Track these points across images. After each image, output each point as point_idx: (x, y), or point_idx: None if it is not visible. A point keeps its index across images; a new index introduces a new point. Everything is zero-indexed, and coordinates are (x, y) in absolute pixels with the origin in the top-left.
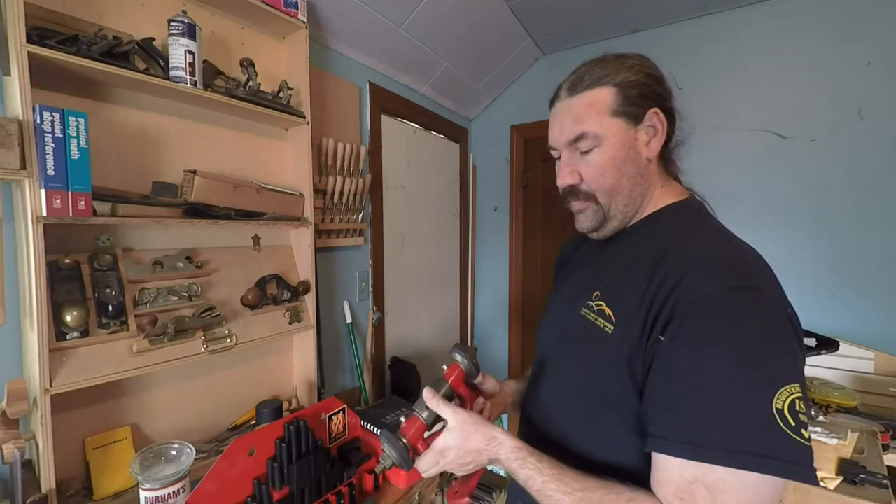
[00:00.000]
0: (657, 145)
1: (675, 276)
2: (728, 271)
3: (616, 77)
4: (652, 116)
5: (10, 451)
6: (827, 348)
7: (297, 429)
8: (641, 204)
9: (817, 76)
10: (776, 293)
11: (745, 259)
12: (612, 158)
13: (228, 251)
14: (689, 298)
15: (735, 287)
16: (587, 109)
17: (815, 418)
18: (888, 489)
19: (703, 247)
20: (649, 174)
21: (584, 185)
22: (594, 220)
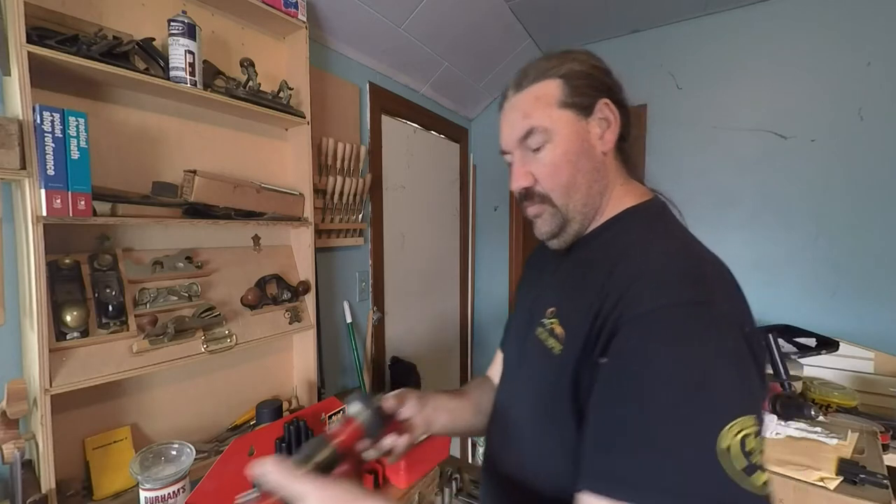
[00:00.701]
0: (611, 137)
1: (621, 289)
2: (678, 283)
3: (561, 68)
4: (602, 107)
5: (10, 451)
6: (827, 348)
7: (297, 429)
8: (600, 204)
9: (817, 76)
10: (735, 309)
11: (701, 269)
12: (564, 153)
13: (228, 251)
14: (630, 314)
15: (682, 302)
16: (534, 103)
17: (815, 418)
18: (888, 489)
19: (655, 255)
20: (606, 170)
21: (538, 186)
22: (552, 224)
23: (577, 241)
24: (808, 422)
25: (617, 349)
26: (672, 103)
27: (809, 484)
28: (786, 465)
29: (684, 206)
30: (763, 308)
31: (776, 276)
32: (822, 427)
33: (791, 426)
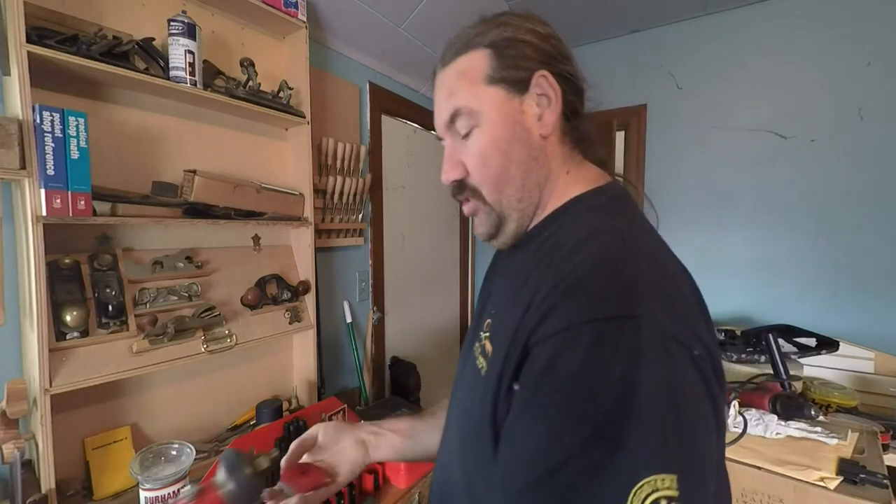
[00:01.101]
0: (551, 118)
1: (540, 301)
2: (599, 293)
3: (487, 35)
4: (540, 81)
5: (10, 451)
6: (827, 348)
7: (297, 429)
8: (541, 198)
9: (817, 76)
10: (677, 324)
11: (636, 273)
12: (493, 140)
13: (228, 251)
14: (540, 334)
15: (599, 317)
16: (458, 80)
17: (816, 418)
18: (888, 489)
19: (581, 258)
20: (547, 157)
21: (470, 178)
22: (488, 223)
23: (524, 239)
24: (808, 422)
25: (523, 378)
26: (672, 103)
27: (809, 484)
28: (786, 465)
29: (684, 207)
30: (763, 308)
31: (776, 276)
32: (823, 427)
33: (791, 426)
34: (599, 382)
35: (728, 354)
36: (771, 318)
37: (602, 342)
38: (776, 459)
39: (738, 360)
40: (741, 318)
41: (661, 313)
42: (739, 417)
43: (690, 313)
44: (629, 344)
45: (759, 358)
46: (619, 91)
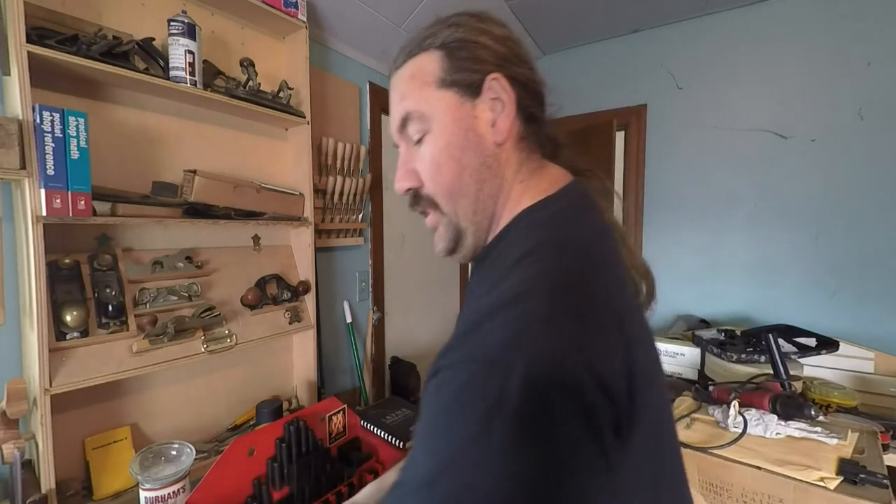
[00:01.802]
0: (505, 124)
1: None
2: (491, 335)
3: (439, 37)
4: (493, 85)
5: (10, 451)
6: (827, 348)
7: (297, 429)
8: (494, 210)
9: (817, 76)
10: (563, 372)
11: (534, 316)
12: (445, 146)
13: (228, 251)
14: (436, 366)
15: (480, 360)
16: (409, 83)
17: (816, 418)
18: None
19: (500, 293)
20: (500, 166)
21: (424, 188)
22: (447, 237)
23: (479, 257)
24: (808, 422)
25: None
26: (672, 103)
27: (809, 484)
28: (786, 465)
29: (684, 207)
30: (763, 308)
31: (776, 276)
32: (822, 427)
33: (791, 426)
34: (453, 427)
35: (728, 354)
36: (771, 318)
37: (468, 386)
38: (776, 459)
39: (738, 360)
40: (741, 318)
41: (547, 359)
42: (739, 417)
43: (597, 348)
44: (499, 388)
45: (759, 358)
46: (619, 91)
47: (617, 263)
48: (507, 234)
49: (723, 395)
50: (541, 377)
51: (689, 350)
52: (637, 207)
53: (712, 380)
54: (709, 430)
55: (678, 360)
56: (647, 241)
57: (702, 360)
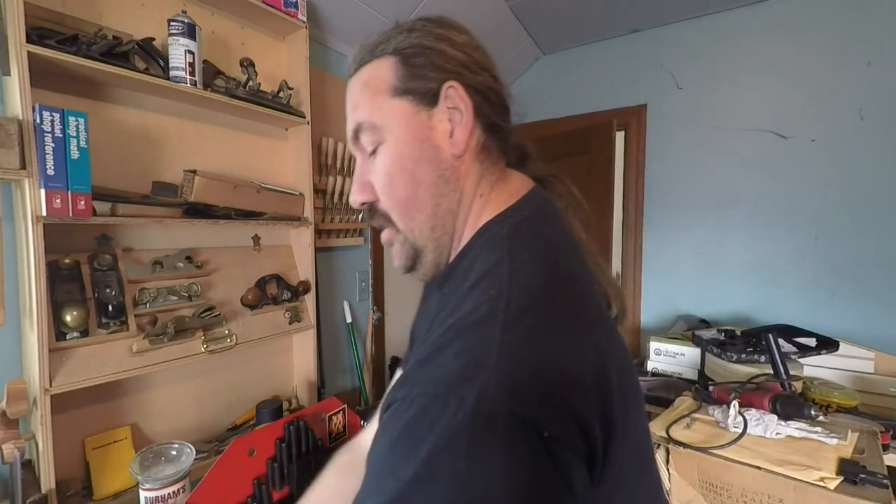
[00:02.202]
0: (463, 135)
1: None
2: (445, 366)
3: (393, 42)
4: (450, 93)
5: (10, 451)
6: (827, 348)
7: (297, 429)
8: (454, 227)
9: (817, 76)
10: (522, 404)
11: (489, 347)
12: (399, 158)
13: (228, 251)
14: (391, 398)
15: (431, 393)
16: (362, 91)
17: (816, 418)
18: (888, 489)
19: (457, 322)
20: (459, 179)
21: (379, 203)
22: (403, 255)
23: (441, 277)
24: (808, 422)
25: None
26: (672, 103)
27: (809, 484)
28: (786, 465)
29: (685, 207)
30: (763, 308)
31: (776, 275)
32: (822, 427)
33: (791, 426)
34: (398, 466)
35: (728, 354)
36: (771, 318)
37: (424, 416)
38: (776, 459)
39: (738, 360)
40: (741, 318)
41: (504, 392)
42: (739, 417)
43: (559, 375)
44: (449, 423)
45: (759, 358)
46: (619, 91)
47: (582, 272)
48: (467, 253)
49: (723, 395)
50: (493, 412)
51: (689, 350)
52: (637, 207)
53: (712, 380)
54: (709, 430)
55: (678, 360)
56: (647, 241)
57: (702, 360)
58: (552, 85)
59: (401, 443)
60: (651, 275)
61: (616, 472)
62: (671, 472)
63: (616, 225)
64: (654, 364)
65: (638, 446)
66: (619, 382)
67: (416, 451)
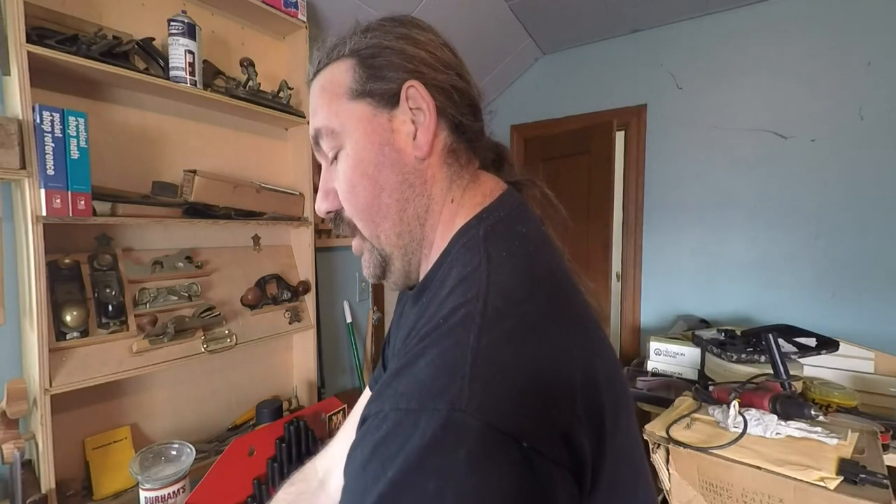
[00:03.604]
0: (426, 137)
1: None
2: (418, 380)
3: (348, 44)
4: (411, 93)
5: (9, 451)
6: (827, 348)
7: (297, 429)
8: (423, 234)
9: (817, 76)
10: (501, 416)
11: (464, 358)
12: (359, 163)
13: (228, 251)
14: (365, 413)
15: (403, 408)
16: (320, 95)
17: (816, 418)
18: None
19: (431, 331)
20: (425, 184)
21: (344, 210)
22: (372, 263)
23: (418, 288)
24: (808, 422)
25: None
26: (672, 103)
27: (809, 484)
28: (786, 465)
29: (685, 207)
30: (763, 308)
31: (776, 275)
32: (822, 427)
33: (791, 426)
34: (370, 484)
35: (728, 354)
36: (771, 318)
37: (394, 434)
38: (776, 459)
39: (738, 360)
40: (741, 318)
41: (478, 402)
42: (739, 417)
43: (541, 382)
44: (419, 440)
45: (759, 358)
46: (619, 91)
47: (563, 273)
48: (444, 260)
49: (723, 395)
50: (465, 424)
51: (689, 350)
52: (637, 207)
53: (712, 380)
54: (709, 430)
55: (678, 360)
56: (647, 241)
57: (702, 360)
58: (552, 85)
59: (371, 463)
60: (651, 275)
61: (609, 479)
62: (671, 472)
63: (616, 225)
64: (654, 364)
65: (630, 450)
66: (607, 385)
67: (384, 471)
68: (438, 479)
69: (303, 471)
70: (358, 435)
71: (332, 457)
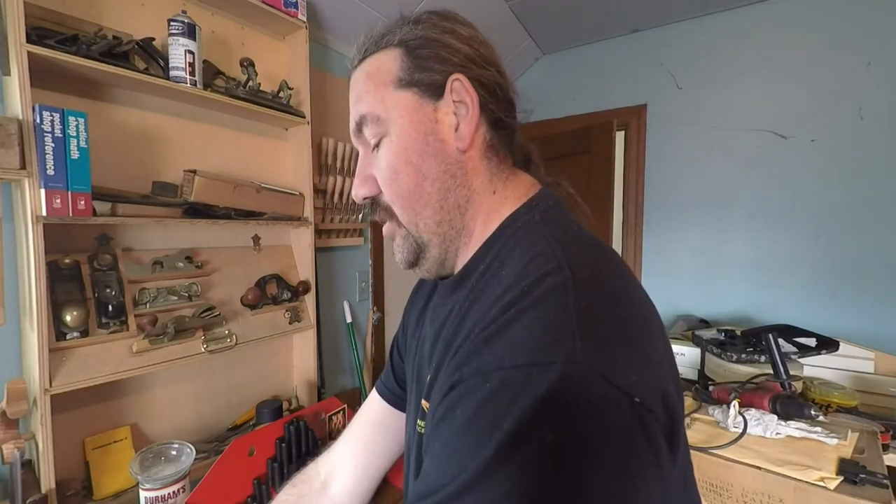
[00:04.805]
0: (468, 129)
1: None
2: (520, 340)
3: (398, 33)
4: (455, 86)
5: (9, 451)
6: (827, 348)
7: (297, 429)
8: (463, 223)
9: (817, 76)
10: (612, 370)
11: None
12: (403, 151)
13: (228, 251)
14: (454, 379)
15: (509, 366)
16: (365, 82)
17: (816, 418)
18: (888, 489)
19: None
20: (466, 175)
21: (382, 196)
22: (406, 250)
23: (457, 276)
24: (808, 422)
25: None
26: (672, 103)
27: (809, 484)
28: (786, 465)
29: (684, 207)
30: (763, 308)
31: (776, 275)
32: (822, 427)
33: (791, 426)
34: (483, 438)
35: (728, 354)
36: (771, 318)
37: (503, 390)
38: (776, 459)
39: (738, 360)
40: (741, 318)
41: (592, 357)
42: (739, 417)
43: (639, 353)
44: (534, 392)
45: (759, 358)
46: (619, 91)
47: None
48: (492, 247)
49: (723, 395)
50: (584, 377)
51: (689, 350)
52: (637, 207)
53: (712, 380)
54: (709, 430)
55: (678, 360)
56: (647, 241)
57: (702, 360)
58: (552, 85)
59: (480, 420)
60: (651, 275)
61: (683, 452)
62: None
63: (616, 225)
64: None
65: (686, 443)
66: (676, 372)
67: (498, 425)
68: (558, 429)
69: (304, 472)
70: (447, 401)
71: (335, 459)
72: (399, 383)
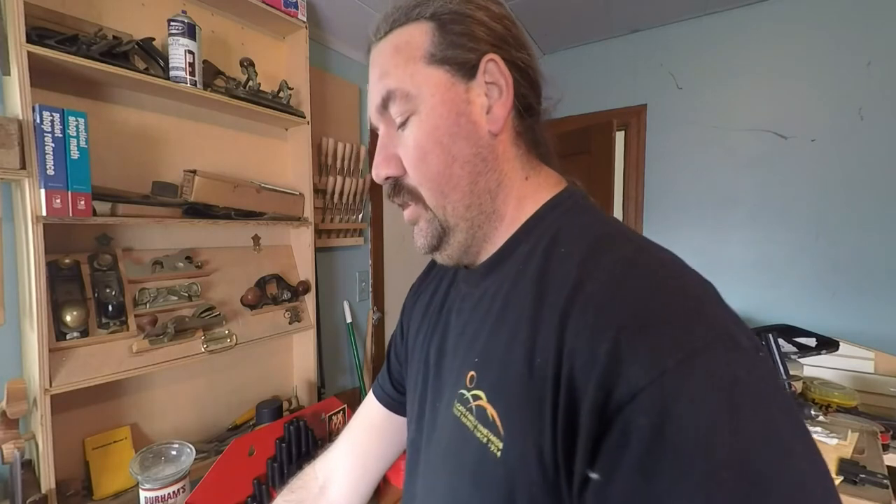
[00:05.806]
0: (502, 112)
1: (593, 342)
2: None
3: (430, 6)
4: (489, 67)
5: (9, 451)
6: (827, 348)
7: (297, 429)
8: (494, 207)
9: (817, 76)
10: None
11: (690, 285)
12: (433, 130)
13: (228, 251)
14: (623, 389)
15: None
16: (393, 56)
17: (816, 418)
18: (888, 489)
19: (623, 277)
20: (497, 159)
21: (407, 177)
22: (429, 233)
23: (492, 259)
24: (809, 422)
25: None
26: (672, 103)
27: None
28: None
29: (684, 207)
30: (763, 308)
31: (776, 276)
32: (823, 427)
33: None
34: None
35: None
36: (771, 318)
37: (713, 378)
38: None
39: None
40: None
41: (730, 320)
42: None
43: (742, 325)
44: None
45: None
46: (619, 91)
47: None
48: (534, 228)
49: None
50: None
51: None
52: (637, 207)
53: None
54: None
55: None
56: None
57: None
58: (552, 85)
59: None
60: None
61: None
62: None
63: None
64: None
65: None
66: None
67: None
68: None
69: (302, 476)
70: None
71: (332, 464)
72: (396, 387)
